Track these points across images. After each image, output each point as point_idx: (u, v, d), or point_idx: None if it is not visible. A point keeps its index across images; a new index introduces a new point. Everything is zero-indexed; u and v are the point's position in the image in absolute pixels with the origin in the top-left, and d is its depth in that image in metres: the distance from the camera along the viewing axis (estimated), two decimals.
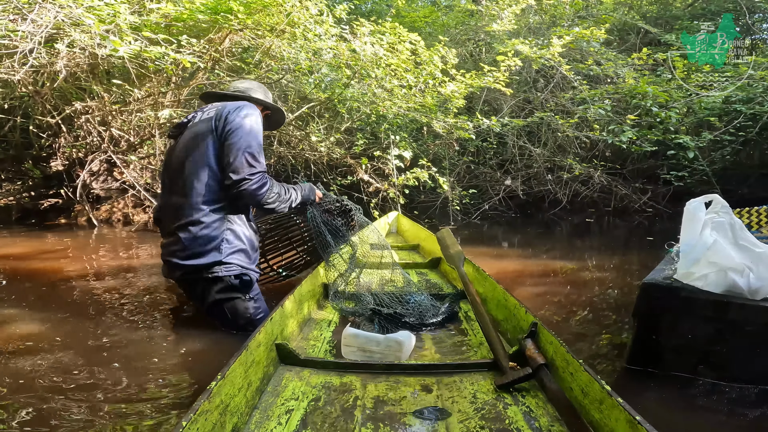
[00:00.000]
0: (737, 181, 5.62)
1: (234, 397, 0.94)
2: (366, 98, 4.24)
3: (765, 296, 1.24)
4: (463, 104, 4.71)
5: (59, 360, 1.41)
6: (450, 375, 1.18)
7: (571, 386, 1.01)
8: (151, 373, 1.34)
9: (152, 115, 3.75)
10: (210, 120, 1.63)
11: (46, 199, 4.31)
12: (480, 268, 1.78)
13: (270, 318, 1.26)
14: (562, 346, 1.06)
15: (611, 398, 0.85)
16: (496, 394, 1.08)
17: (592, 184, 5.53)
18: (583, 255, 3.48)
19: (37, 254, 3.05)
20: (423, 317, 1.57)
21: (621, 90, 5.16)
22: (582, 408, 0.95)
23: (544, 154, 5.44)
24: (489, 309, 1.55)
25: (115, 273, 2.58)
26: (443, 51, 4.23)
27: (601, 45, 5.57)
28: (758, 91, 4.80)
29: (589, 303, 2.20)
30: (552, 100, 5.61)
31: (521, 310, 1.32)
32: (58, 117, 3.75)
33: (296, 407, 1.03)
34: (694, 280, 1.27)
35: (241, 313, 1.60)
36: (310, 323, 1.62)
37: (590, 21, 6.31)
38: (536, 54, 4.82)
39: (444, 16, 6.28)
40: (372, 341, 1.31)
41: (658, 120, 4.96)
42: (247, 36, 3.97)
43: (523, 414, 1.00)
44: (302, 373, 1.19)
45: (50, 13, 2.58)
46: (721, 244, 1.24)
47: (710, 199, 1.29)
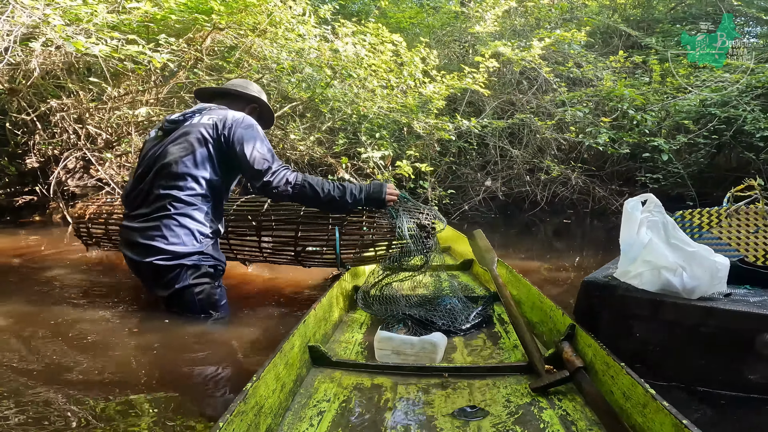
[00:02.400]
0: (713, 183, 5.72)
1: (268, 399, 0.95)
2: (347, 98, 4.27)
3: (701, 295, 1.27)
4: (443, 105, 4.75)
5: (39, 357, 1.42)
6: (483, 378, 1.16)
7: (611, 389, 0.99)
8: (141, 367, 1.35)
9: (130, 113, 3.74)
10: (211, 127, 1.74)
11: (20, 197, 4.27)
12: (513, 270, 1.75)
13: (303, 320, 1.26)
14: (602, 348, 1.04)
15: (656, 402, 0.82)
16: (531, 397, 1.06)
17: (571, 185, 5.61)
18: (561, 255, 3.54)
19: (10, 251, 3.03)
20: (455, 320, 1.54)
21: (599, 92, 5.25)
22: (623, 412, 0.93)
23: (524, 156, 5.51)
24: (523, 311, 1.52)
25: (90, 268, 2.58)
26: (424, 52, 4.27)
27: (582, 48, 5.66)
28: (733, 95, 4.91)
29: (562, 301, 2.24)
30: (535, 102, 5.68)
31: (558, 312, 1.30)
32: (33, 114, 3.73)
33: (328, 408, 1.04)
34: (630, 279, 1.31)
35: (211, 298, 1.72)
36: (341, 326, 1.62)
37: (574, 24, 6.39)
38: (517, 56, 4.88)
39: (429, 17, 6.32)
40: (407, 344, 1.30)
41: (634, 123, 5.05)
42: (229, 35, 3.97)
43: (560, 418, 0.97)
44: (334, 375, 1.20)
45: (24, 12, 2.57)
46: (655, 243, 1.28)
47: (645, 198, 1.34)
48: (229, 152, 1.73)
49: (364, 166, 4.64)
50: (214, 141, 1.72)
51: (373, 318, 1.68)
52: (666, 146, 4.90)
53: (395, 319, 1.54)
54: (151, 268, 1.66)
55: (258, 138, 1.74)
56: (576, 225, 5.18)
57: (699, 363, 1.24)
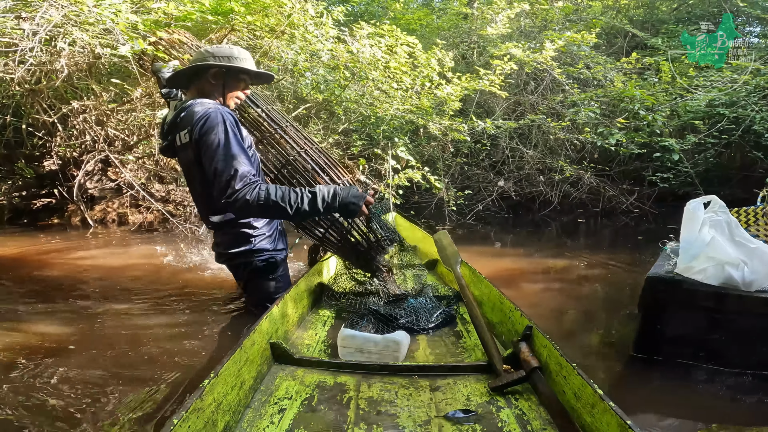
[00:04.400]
0: (719, 182, 5.81)
1: (227, 396, 0.94)
2: (364, 100, 4.30)
3: (758, 288, 1.34)
4: (459, 106, 4.79)
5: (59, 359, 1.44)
6: (445, 377, 1.18)
7: (563, 389, 1.01)
8: (148, 369, 1.38)
9: (150, 114, 3.75)
10: (188, 146, 1.59)
11: (38, 199, 4.26)
12: (476, 271, 1.76)
13: (265, 316, 1.24)
14: (556, 349, 1.06)
15: (603, 402, 0.84)
16: (490, 396, 1.08)
17: (581, 185, 5.67)
18: (576, 254, 3.58)
19: (32, 254, 3.03)
20: (419, 319, 1.57)
21: (609, 93, 5.32)
22: (574, 411, 0.95)
23: (535, 156, 5.57)
24: (484, 311, 1.55)
25: (115, 272, 2.60)
26: (440, 54, 4.31)
27: (591, 49, 5.73)
28: (741, 95, 5.00)
29: (584, 299, 2.29)
30: (543, 102, 5.74)
31: (516, 313, 1.32)
32: (54, 116, 3.72)
33: (289, 406, 1.03)
34: (694, 274, 1.36)
35: (264, 291, 1.78)
36: (305, 323, 1.62)
37: (580, 25, 6.46)
38: (529, 58, 4.94)
39: (438, 18, 6.37)
40: (370, 342, 1.30)
41: (644, 123, 5.12)
42: (245, 36, 3.99)
43: (516, 417, 1.00)
44: (296, 373, 1.19)
45: (57, 11, 2.58)
46: (718, 241, 1.34)
47: (709, 200, 1.40)
48: (203, 164, 1.56)
49: (379, 168, 4.67)
50: (195, 160, 1.59)
51: (336, 315, 1.70)
52: (677, 146, 4.97)
53: (359, 315, 1.56)
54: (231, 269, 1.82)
55: (215, 145, 1.50)
56: (588, 224, 5.25)
57: (762, 350, 1.30)
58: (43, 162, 4.21)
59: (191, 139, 1.56)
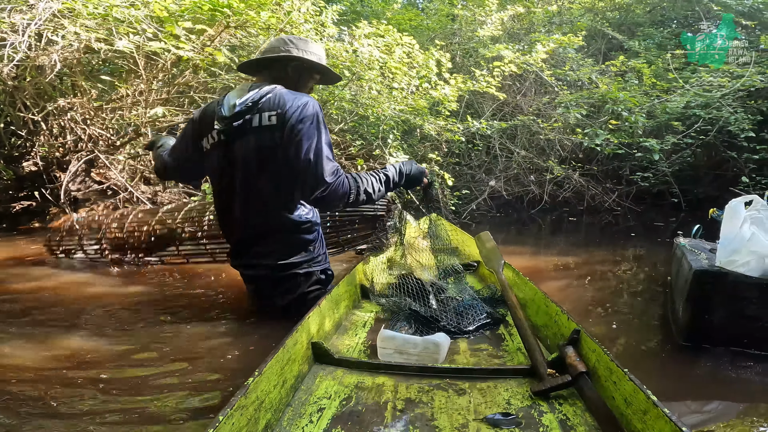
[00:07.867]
0: (691, 181, 6.13)
1: (269, 394, 0.95)
2: (362, 99, 4.28)
3: None
4: (456, 107, 4.85)
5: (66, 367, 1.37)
6: (485, 380, 1.16)
7: (613, 395, 0.98)
8: (182, 373, 1.35)
9: (142, 112, 3.59)
10: (275, 129, 1.52)
11: (18, 202, 4.00)
12: (520, 273, 1.76)
13: (307, 317, 1.25)
14: (606, 354, 1.04)
15: (657, 408, 0.82)
16: (532, 401, 1.06)
17: (567, 184, 5.85)
18: (576, 251, 3.70)
19: (13, 261, 2.84)
20: (460, 321, 1.55)
21: (594, 95, 5.51)
22: (623, 417, 0.93)
23: (526, 156, 5.70)
24: (529, 314, 1.54)
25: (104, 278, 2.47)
26: (438, 55, 4.34)
27: (575, 51, 5.92)
28: (716, 97, 5.28)
29: (602, 294, 2.37)
30: (532, 103, 5.89)
31: (563, 317, 1.30)
32: (38, 114, 3.51)
33: (328, 406, 1.04)
34: (738, 267, 1.47)
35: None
36: (345, 323, 1.62)
37: (565, 27, 6.66)
38: (519, 60, 5.06)
39: (428, 20, 6.42)
40: (410, 343, 1.30)
41: (626, 124, 5.34)
42: (239, 34, 3.88)
43: (560, 422, 0.97)
44: (336, 373, 1.20)
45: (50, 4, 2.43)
46: (758, 236, 1.43)
47: (749, 199, 1.50)
48: (287, 152, 1.53)
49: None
50: (284, 139, 1.53)
51: (376, 317, 1.70)
52: (657, 146, 5.21)
53: (400, 317, 1.57)
54: (259, 281, 1.77)
55: (311, 135, 1.50)
56: (577, 222, 5.43)
57: None
58: (23, 163, 3.96)
59: (282, 123, 1.51)
